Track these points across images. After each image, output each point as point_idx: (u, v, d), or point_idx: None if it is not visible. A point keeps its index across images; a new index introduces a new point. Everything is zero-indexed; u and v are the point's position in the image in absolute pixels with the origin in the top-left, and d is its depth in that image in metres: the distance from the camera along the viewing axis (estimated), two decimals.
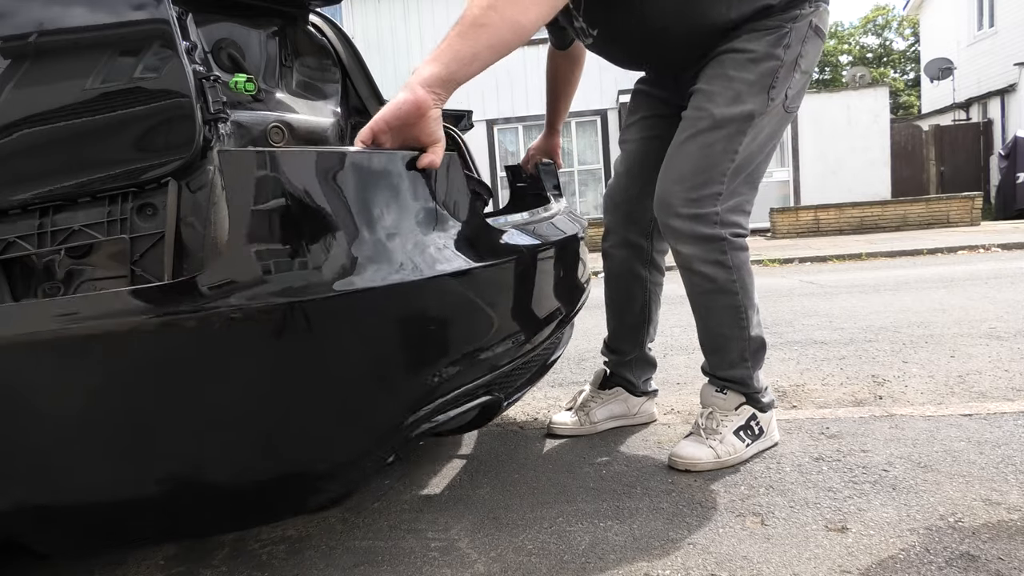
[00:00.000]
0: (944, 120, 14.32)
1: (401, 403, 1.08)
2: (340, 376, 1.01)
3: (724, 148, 1.49)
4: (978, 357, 2.46)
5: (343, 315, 0.98)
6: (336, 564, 1.25)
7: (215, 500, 1.02)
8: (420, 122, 1.11)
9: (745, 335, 1.59)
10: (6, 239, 1.00)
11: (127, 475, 0.97)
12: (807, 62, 1.53)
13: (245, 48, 1.11)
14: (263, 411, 0.97)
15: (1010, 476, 1.41)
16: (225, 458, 0.99)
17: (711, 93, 1.50)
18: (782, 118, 1.55)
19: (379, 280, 1.00)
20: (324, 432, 1.02)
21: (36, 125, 0.97)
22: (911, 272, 5.35)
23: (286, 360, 0.96)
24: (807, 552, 1.17)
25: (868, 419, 1.83)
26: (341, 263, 0.98)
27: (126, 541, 1.15)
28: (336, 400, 1.01)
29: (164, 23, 0.94)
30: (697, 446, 1.58)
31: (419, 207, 1.13)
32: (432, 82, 1.11)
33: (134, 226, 0.98)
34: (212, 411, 0.95)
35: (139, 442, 0.95)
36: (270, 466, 1.01)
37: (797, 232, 10.08)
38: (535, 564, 1.20)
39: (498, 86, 12.00)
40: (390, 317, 1.04)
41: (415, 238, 1.10)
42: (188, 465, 0.98)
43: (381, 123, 1.10)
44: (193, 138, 0.94)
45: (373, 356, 1.03)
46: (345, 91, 1.28)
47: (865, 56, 32.22)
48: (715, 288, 1.55)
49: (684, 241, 1.53)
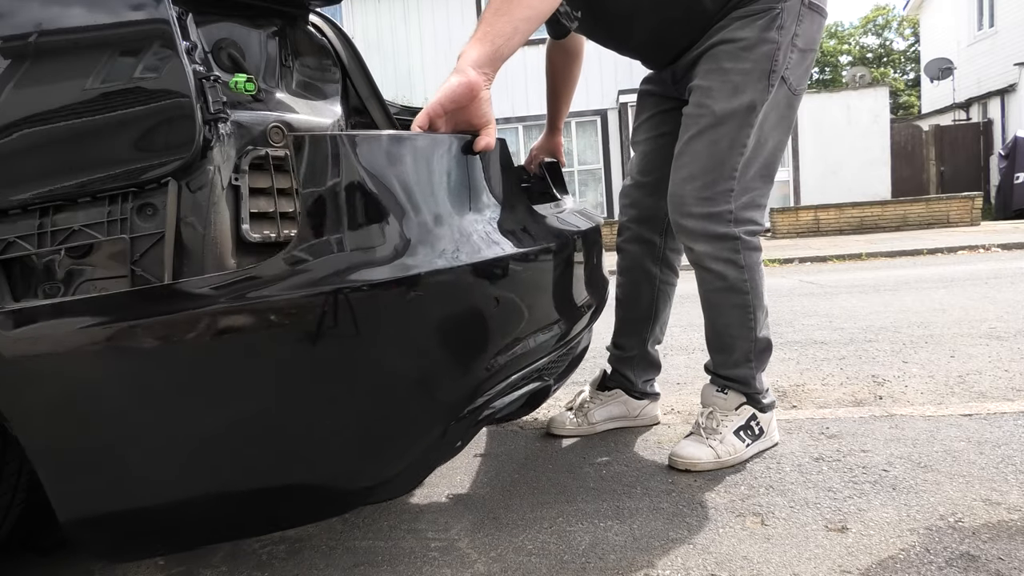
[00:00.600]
0: (944, 120, 14.33)
1: (471, 386, 1.10)
2: (418, 358, 1.02)
3: (731, 143, 1.48)
4: (978, 357, 2.46)
5: (420, 296, 0.99)
6: (336, 564, 1.25)
7: (306, 490, 1.03)
8: (472, 104, 1.13)
9: (752, 335, 1.58)
10: (6, 239, 1.00)
11: (248, 465, 0.99)
12: (805, 40, 1.48)
13: (245, 48, 1.11)
14: (351, 395, 0.98)
15: (1010, 476, 1.41)
16: (323, 443, 1.00)
17: (709, 89, 1.49)
18: (789, 101, 1.52)
19: (451, 261, 1.02)
20: (405, 414, 1.04)
21: (36, 125, 0.97)
22: (911, 272, 5.35)
23: (367, 343, 0.97)
24: (807, 552, 1.17)
25: (868, 419, 1.83)
26: (414, 244, 1.00)
27: (233, 535, 1.17)
28: (415, 382, 1.03)
29: (164, 23, 0.94)
30: (697, 446, 1.58)
31: (480, 190, 1.17)
32: (481, 62, 1.14)
33: (134, 226, 0.98)
34: (306, 396, 0.96)
35: (253, 435, 0.96)
36: (353, 452, 1.02)
37: (797, 232, 10.08)
38: (535, 564, 1.20)
39: (498, 86, 11.94)
40: (462, 298, 1.06)
41: (479, 220, 1.13)
42: (291, 452, 0.99)
43: (437, 107, 1.12)
44: (193, 138, 0.94)
45: (447, 338, 1.05)
46: (345, 91, 1.28)
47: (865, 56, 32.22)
48: (726, 286, 1.55)
49: (697, 239, 1.53)
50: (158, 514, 0.99)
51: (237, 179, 1.01)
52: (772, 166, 1.55)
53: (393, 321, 0.97)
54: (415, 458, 1.08)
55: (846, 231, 9.99)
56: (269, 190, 1.06)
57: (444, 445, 1.12)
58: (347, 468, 1.03)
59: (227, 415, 0.95)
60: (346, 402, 0.99)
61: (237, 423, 0.96)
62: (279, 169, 1.07)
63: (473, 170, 1.17)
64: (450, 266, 1.01)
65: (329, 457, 1.02)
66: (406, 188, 1.02)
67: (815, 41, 1.52)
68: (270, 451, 0.99)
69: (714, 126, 1.48)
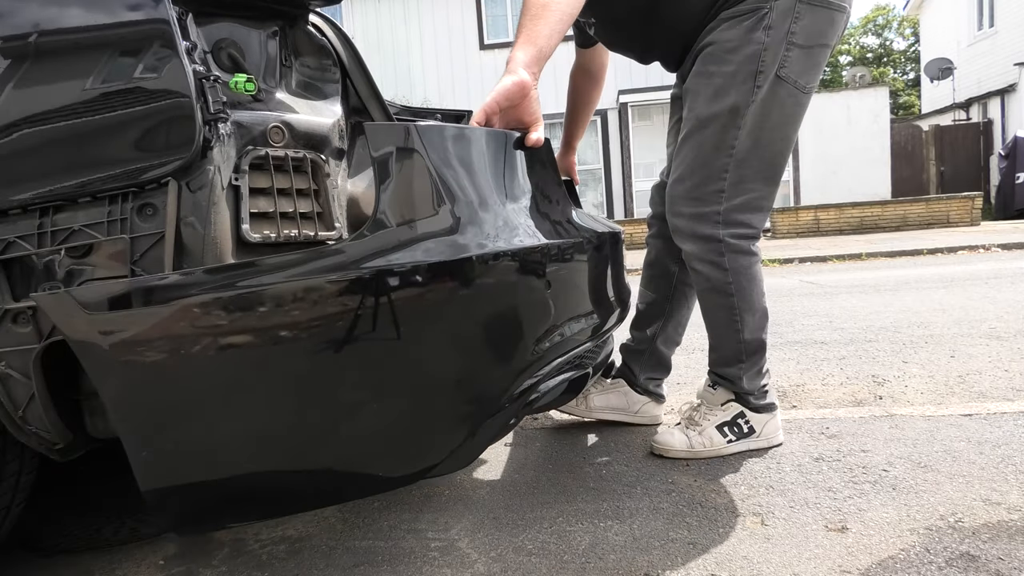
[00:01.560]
0: (944, 120, 14.32)
1: (526, 364, 1.15)
2: (485, 334, 1.08)
3: (716, 145, 1.50)
4: (978, 357, 2.46)
5: (489, 277, 1.06)
6: (336, 564, 1.25)
7: (394, 454, 1.07)
8: (524, 102, 1.22)
9: (739, 337, 1.60)
10: (6, 239, 1.00)
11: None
12: (806, 36, 1.45)
13: (245, 48, 1.11)
14: (429, 369, 1.04)
15: (1010, 476, 1.41)
16: (401, 417, 1.04)
17: (695, 92, 1.53)
18: (796, 99, 1.50)
19: (512, 244, 1.10)
20: (471, 389, 1.09)
21: (36, 125, 0.97)
22: (911, 272, 5.35)
23: (446, 320, 1.02)
24: (807, 552, 1.17)
25: (868, 419, 1.83)
26: (479, 227, 1.06)
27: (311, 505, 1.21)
28: (481, 357, 1.09)
29: (164, 23, 0.94)
30: (674, 434, 1.65)
31: (534, 180, 1.27)
32: (530, 63, 1.22)
33: (134, 226, 0.98)
34: (393, 369, 1.01)
35: (341, 411, 1.01)
36: (427, 427, 1.06)
37: (797, 232, 10.08)
38: (535, 564, 1.20)
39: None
40: (521, 280, 1.12)
41: (532, 208, 1.23)
42: (373, 427, 1.03)
43: (493, 104, 1.19)
44: (193, 138, 0.94)
45: (508, 317, 1.11)
46: (345, 91, 1.28)
47: (865, 56, 32.21)
48: (710, 287, 1.58)
49: (685, 239, 1.57)
50: (236, 486, 1.01)
51: (237, 179, 1.01)
52: (776, 167, 1.54)
53: (467, 299, 1.04)
54: (474, 434, 1.11)
55: (846, 231, 9.99)
56: (269, 190, 1.06)
57: (499, 422, 1.15)
58: (419, 443, 1.07)
59: (321, 394, 0.99)
60: (424, 376, 1.04)
61: (328, 401, 0.99)
62: (279, 169, 1.07)
63: (526, 163, 1.27)
64: (513, 248, 1.09)
65: (405, 432, 1.05)
66: (478, 177, 1.12)
67: (824, 35, 1.48)
68: (354, 426, 1.02)
69: (699, 129, 1.51)
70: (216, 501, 1.03)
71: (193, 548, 1.36)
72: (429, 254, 1.00)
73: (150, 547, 1.38)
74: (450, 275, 1.01)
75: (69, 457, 1.15)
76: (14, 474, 1.19)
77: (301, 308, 0.93)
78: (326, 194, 1.13)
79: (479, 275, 1.04)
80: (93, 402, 1.13)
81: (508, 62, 1.22)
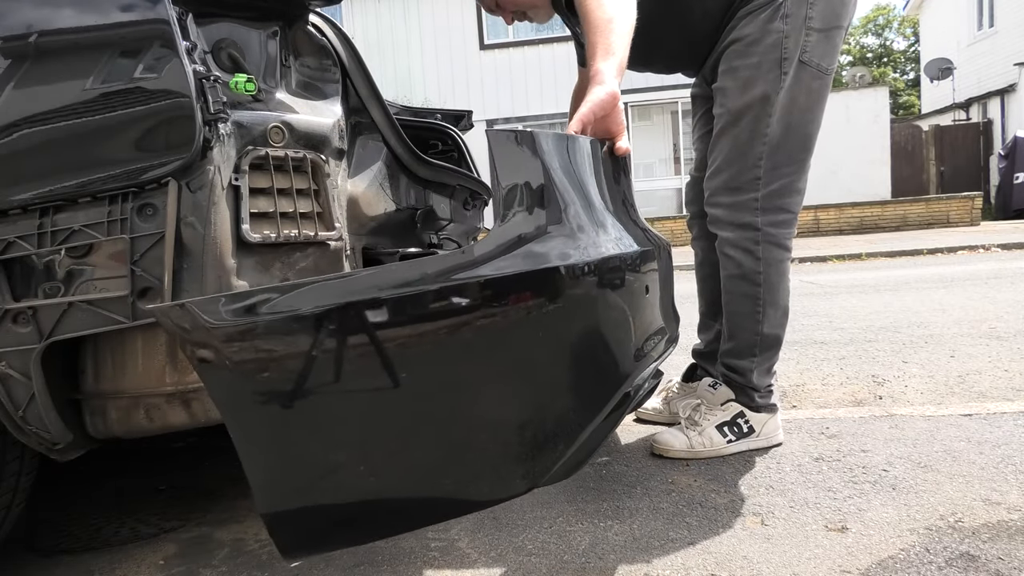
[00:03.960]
0: (944, 120, 14.32)
1: (631, 367, 1.15)
2: (605, 336, 1.08)
3: (751, 135, 1.54)
4: (978, 357, 2.46)
5: (606, 280, 1.06)
6: (336, 564, 1.25)
7: (512, 466, 1.00)
8: (614, 112, 1.23)
9: (758, 328, 1.62)
10: (6, 239, 1.00)
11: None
12: (823, 19, 1.50)
13: (245, 48, 1.11)
14: (561, 374, 1.02)
15: (1010, 476, 1.41)
16: (528, 425, 0.99)
17: (724, 89, 1.57)
18: (822, 80, 1.55)
19: (619, 249, 1.11)
20: (594, 390, 1.08)
21: (36, 125, 0.97)
22: (911, 272, 5.35)
23: (577, 322, 1.01)
24: (807, 552, 1.17)
25: (868, 419, 1.83)
26: (588, 231, 1.06)
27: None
28: (603, 359, 1.08)
29: (164, 23, 0.94)
30: (675, 434, 1.66)
31: (624, 188, 1.31)
32: (616, 72, 1.24)
33: (134, 226, 0.98)
34: (533, 376, 0.98)
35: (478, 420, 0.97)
36: (551, 431, 1.02)
37: (797, 232, 10.06)
38: (535, 564, 1.20)
39: (498, 86, 12.00)
40: (629, 283, 1.15)
41: (626, 214, 1.26)
42: (506, 435, 0.99)
43: (589, 114, 1.20)
44: (193, 138, 0.94)
45: (623, 320, 1.12)
46: (345, 91, 1.28)
47: (865, 56, 32.22)
48: (740, 274, 1.61)
49: (723, 227, 1.61)
50: (352, 508, 0.93)
51: (237, 179, 1.01)
52: (807, 148, 1.59)
53: (593, 301, 1.04)
54: (586, 438, 1.07)
55: (846, 231, 9.99)
56: (269, 190, 1.06)
57: (607, 425, 1.13)
58: (536, 452, 1.00)
59: (453, 409, 0.94)
60: (549, 382, 1.01)
61: (463, 414, 0.95)
62: (279, 169, 1.07)
63: (617, 170, 1.31)
64: (626, 252, 1.11)
65: (524, 443, 0.99)
66: (590, 184, 1.15)
67: (839, 17, 1.54)
68: (482, 439, 0.97)
69: (733, 123, 1.56)
70: (333, 523, 0.94)
71: (193, 548, 1.36)
72: (559, 258, 0.97)
73: (150, 547, 1.38)
74: (586, 278, 1.01)
75: (69, 457, 1.15)
76: (14, 474, 1.19)
77: (431, 317, 0.88)
78: (326, 194, 1.13)
79: (607, 277, 1.06)
80: (93, 402, 1.13)
81: (593, 75, 1.23)
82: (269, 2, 1.14)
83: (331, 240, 1.14)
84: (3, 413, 1.07)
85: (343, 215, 1.20)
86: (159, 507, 1.59)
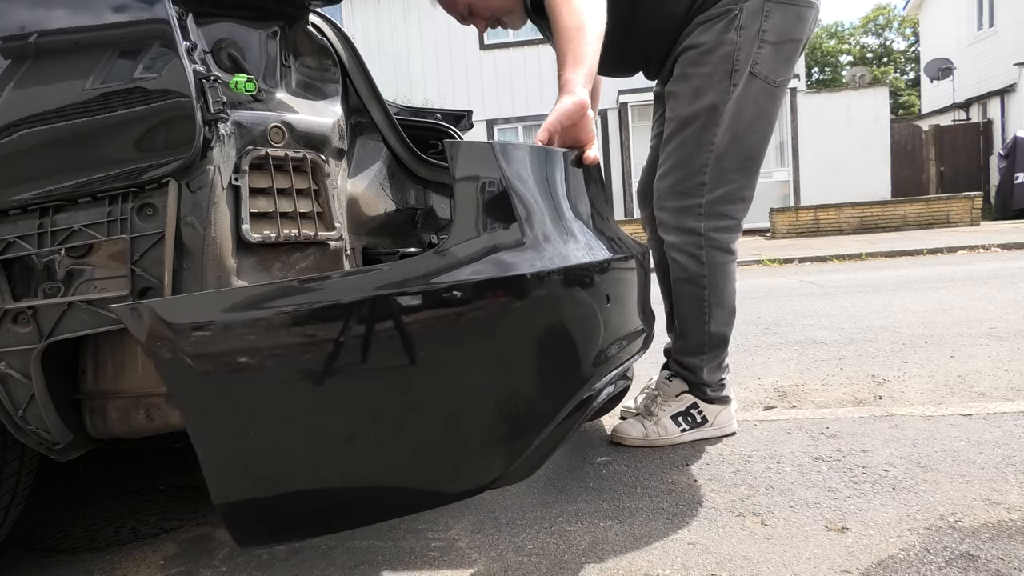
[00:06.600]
0: (944, 120, 14.33)
1: (590, 372, 1.16)
2: (559, 342, 1.10)
3: (697, 142, 1.57)
4: (978, 357, 2.46)
5: (563, 289, 1.09)
6: (336, 564, 1.25)
7: (464, 466, 1.05)
8: (583, 121, 1.23)
9: (705, 328, 1.67)
10: (6, 239, 1.00)
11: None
12: (776, 33, 1.53)
13: (245, 48, 1.10)
14: (507, 377, 1.04)
15: (1010, 476, 1.41)
16: (475, 427, 1.03)
17: (675, 94, 1.61)
18: (770, 93, 1.57)
19: (589, 257, 1.14)
20: (546, 395, 1.09)
21: (36, 125, 0.97)
22: (911, 272, 5.35)
23: (525, 329, 1.03)
24: (807, 552, 1.17)
25: (868, 419, 1.83)
26: (550, 241, 1.08)
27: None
28: (557, 365, 1.10)
29: (164, 23, 0.94)
30: (632, 424, 1.75)
31: (592, 198, 1.32)
32: (585, 81, 1.24)
33: (134, 226, 0.98)
34: (476, 380, 1.01)
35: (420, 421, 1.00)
36: (500, 434, 1.05)
37: (797, 232, 10.08)
38: (535, 564, 1.20)
39: (498, 86, 12.00)
40: (588, 292, 1.16)
41: (593, 223, 1.27)
42: (453, 437, 1.02)
43: (556, 124, 1.21)
44: (193, 138, 0.94)
45: (578, 326, 1.13)
46: (345, 91, 1.28)
47: (865, 56, 32.23)
48: (686, 277, 1.66)
49: (669, 231, 1.66)
50: (306, 500, 0.98)
51: (237, 179, 1.01)
52: (754, 159, 1.62)
53: (546, 309, 1.06)
54: (542, 440, 1.09)
55: (846, 231, 9.99)
56: (269, 190, 1.06)
57: (564, 428, 1.14)
58: (491, 451, 1.05)
59: (403, 404, 0.97)
60: (503, 385, 1.03)
61: (409, 411, 0.98)
62: (279, 169, 1.07)
63: (587, 180, 1.31)
64: (588, 262, 1.13)
65: (480, 441, 1.04)
66: (555, 193, 1.17)
67: (794, 31, 1.56)
68: (430, 438, 1.00)
69: (680, 129, 1.59)
70: (285, 515, 0.99)
71: (193, 548, 1.36)
72: (511, 268, 1.00)
73: (150, 547, 1.38)
74: (541, 286, 1.03)
75: (69, 457, 1.15)
76: (14, 474, 1.19)
77: (379, 320, 0.92)
78: (326, 194, 1.13)
79: (558, 286, 1.07)
80: (93, 402, 1.13)
81: (562, 85, 1.24)
82: (269, 2, 1.14)
83: (331, 240, 1.14)
84: (3, 413, 1.07)
85: (343, 215, 1.20)
86: (159, 507, 1.59)
